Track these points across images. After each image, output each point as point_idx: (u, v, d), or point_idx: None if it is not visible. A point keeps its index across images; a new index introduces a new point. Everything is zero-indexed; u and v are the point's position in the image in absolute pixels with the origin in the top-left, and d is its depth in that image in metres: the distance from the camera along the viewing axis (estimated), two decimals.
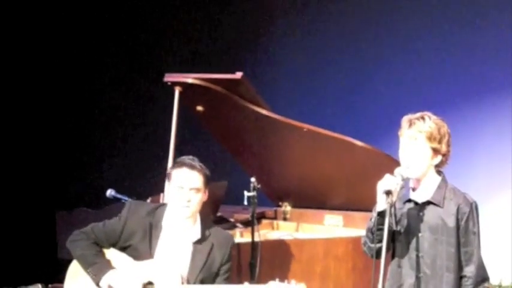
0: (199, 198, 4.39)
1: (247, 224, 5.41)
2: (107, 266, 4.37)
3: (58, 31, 7.97)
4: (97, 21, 8.02)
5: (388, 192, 3.87)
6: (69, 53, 8.05)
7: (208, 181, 4.44)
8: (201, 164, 4.43)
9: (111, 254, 4.45)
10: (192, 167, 4.38)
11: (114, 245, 4.46)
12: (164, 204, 4.52)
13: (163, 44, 7.97)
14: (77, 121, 8.12)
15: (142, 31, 8.02)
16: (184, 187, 4.36)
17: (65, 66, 8.06)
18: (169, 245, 4.42)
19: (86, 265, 4.38)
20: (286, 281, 4.20)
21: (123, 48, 8.02)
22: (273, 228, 5.85)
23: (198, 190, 4.38)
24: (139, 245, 4.41)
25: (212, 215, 5.42)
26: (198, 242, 4.43)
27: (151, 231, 4.40)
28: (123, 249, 4.44)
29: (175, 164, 4.47)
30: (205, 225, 4.47)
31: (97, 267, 4.35)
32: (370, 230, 4.02)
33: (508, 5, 6.69)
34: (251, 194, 5.01)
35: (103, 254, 4.43)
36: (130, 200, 4.65)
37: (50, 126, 8.06)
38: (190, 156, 4.47)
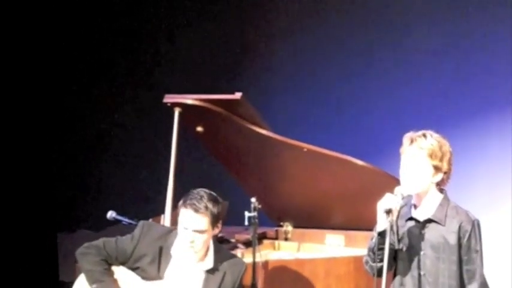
0: (204, 238, 4.28)
1: (248, 244, 5.39)
2: (113, 285, 4.34)
3: (55, 54, 8.01)
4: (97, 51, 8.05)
5: (389, 211, 3.87)
6: (70, 76, 8.07)
7: (217, 218, 4.31)
8: (209, 202, 4.28)
9: (120, 271, 4.42)
10: (196, 209, 4.24)
11: (123, 264, 4.42)
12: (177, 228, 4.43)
13: (163, 65, 7.97)
14: (78, 143, 8.12)
15: (142, 53, 8.04)
16: (188, 228, 4.27)
17: (66, 87, 8.08)
18: (179, 273, 4.36)
19: (92, 281, 4.35)
20: None
21: (124, 72, 8.03)
22: (274, 248, 5.83)
23: (202, 232, 4.27)
24: (148, 269, 4.36)
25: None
26: (210, 271, 4.37)
27: (160, 256, 4.35)
28: (132, 269, 4.41)
29: (184, 200, 4.31)
30: (218, 253, 4.40)
31: (102, 285, 4.32)
32: (371, 250, 4.01)
33: None
34: (252, 214, 4.98)
35: (111, 273, 4.39)
36: (143, 221, 4.58)
37: (51, 148, 8.06)
38: (201, 192, 4.32)
